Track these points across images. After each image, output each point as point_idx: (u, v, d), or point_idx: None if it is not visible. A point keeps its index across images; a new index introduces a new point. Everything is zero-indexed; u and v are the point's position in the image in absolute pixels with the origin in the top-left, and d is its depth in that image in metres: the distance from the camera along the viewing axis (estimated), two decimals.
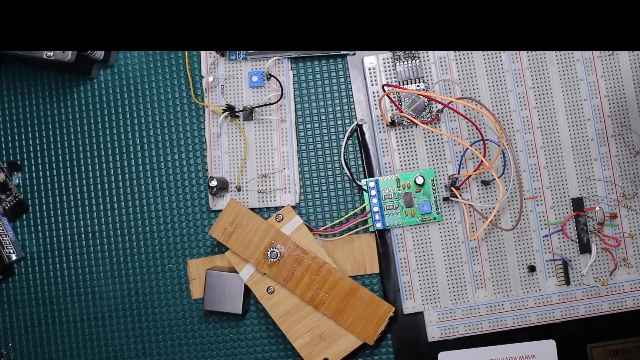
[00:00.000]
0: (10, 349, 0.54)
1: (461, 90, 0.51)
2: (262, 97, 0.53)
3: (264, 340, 0.53)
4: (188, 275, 0.53)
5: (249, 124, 0.53)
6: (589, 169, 0.51)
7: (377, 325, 0.49)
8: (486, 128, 0.51)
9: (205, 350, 0.53)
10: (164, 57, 0.55)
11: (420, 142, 0.51)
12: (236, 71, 0.53)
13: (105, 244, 0.54)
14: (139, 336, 0.54)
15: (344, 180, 0.53)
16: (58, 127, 0.55)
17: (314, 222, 0.53)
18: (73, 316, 0.54)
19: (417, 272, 0.51)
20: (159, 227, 0.54)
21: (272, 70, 0.53)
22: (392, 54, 0.52)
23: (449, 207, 0.51)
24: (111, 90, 0.55)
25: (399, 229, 0.51)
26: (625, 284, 0.50)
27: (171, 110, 0.55)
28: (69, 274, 0.54)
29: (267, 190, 0.52)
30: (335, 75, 0.54)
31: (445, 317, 0.50)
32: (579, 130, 0.51)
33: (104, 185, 0.55)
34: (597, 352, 0.50)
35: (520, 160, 0.51)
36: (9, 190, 0.55)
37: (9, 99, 0.56)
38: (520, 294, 0.50)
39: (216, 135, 0.53)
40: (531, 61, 0.51)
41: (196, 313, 0.54)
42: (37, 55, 0.49)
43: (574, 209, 0.50)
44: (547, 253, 0.50)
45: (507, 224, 0.51)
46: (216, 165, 0.53)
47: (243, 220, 0.50)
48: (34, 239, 0.55)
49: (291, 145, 0.53)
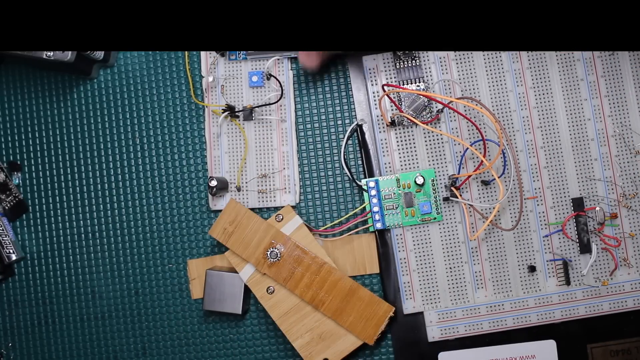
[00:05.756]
0: (10, 349, 0.54)
1: (461, 90, 0.51)
2: (262, 97, 0.53)
3: (264, 340, 0.53)
4: (188, 275, 0.53)
5: (249, 124, 0.53)
6: (589, 169, 0.51)
7: (377, 325, 0.49)
8: (486, 128, 0.51)
9: (205, 350, 0.53)
10: (164, 57, 0.55)
11: (420, 142, 0.51)
12: (236, 71, 0.53)
13: (105, 244, 0.54)
14: (139, 336, 0.54)
15: (344, 180, 0.53)
16: (58, 127, 0.55)
17: (314, 222, 0.53)
18: (73, 316, 0.54)
19: (417, 272, 0.51)
20: (159, 227, 0.54)
21: (272, 70, 0.53)
22: (392, 54, 0.52)
23: (449, 207, 0.51)
24: (111, 90, 0.55)
25: (399, 229, 0.51)
26: (625, 284, 0.50)
27: (171, 110, 0.55)
28: (69, 274, 0.54)
29: (267, 190, 0.52)
30: (335, 75, 0.54)
31: (445, 317, 0.50)
32: (579, 130, 0.51)
33: (104, 185, 0.55)
34: (597, 352, 0.50)
35: (520, 160, 0.51)
36: (9, 190, 0.55)
37: (9, 99, 0.56)
38: (520, 294, 0.50)
39: (216, 135, 0.53)
40: (531, 61, 0.51)
41: (196, 313, 0.53)
42: (37, 55, 0.49)
43: (574, 209, 0.50)
44: (547, 253, 0.50)
45: (507, 224, 0.51)
46: (216, 165, 0.53)
47: (243, 220, 0.50)
48: (34, 239, 0.55)
49: (291, 145, 0.53)
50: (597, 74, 0.51)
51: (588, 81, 0.51)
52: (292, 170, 0.52)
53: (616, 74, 0.51)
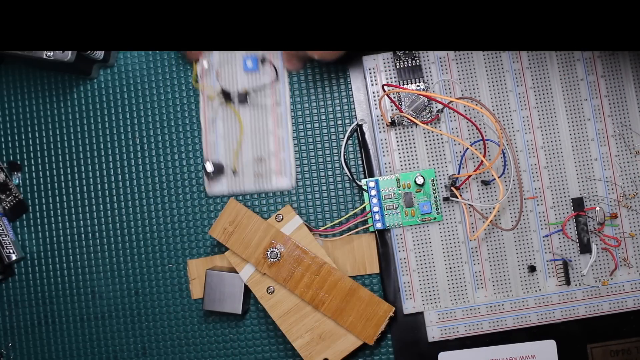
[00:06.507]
0: (10, 349, 0.54)
1: (461, 90, 0.51)
2: (257, 81, 0.53)
3: (264, 340, 0.53)
4: (188, 275, 0.53)
5: (244, 109, 0.53)
6: (589, 169, 0.51)
7: (377, 325, 0.49)
8: (486, 128, 0.51)
9: (205, 350, 0.53)
10: (164, 57, 0.55)
11: (420, 142, 0.51)
12: (230, 56, 0.53)
13: (105, 244, 0.54)
14: (139, 336, 0.54)
15: (344, 180, 0.53)
16: (58, 127, 0.55)
17: (314, 222, 0.53)
18: (73, 316, 0.54)
19: (417, 272, 0.51)
20: (159, 227, 0.54)
21: (266, 55, 0.53)
22: (392, 54, 0.52)
23: (449, 207, 0.51)
24: (111, 90, 0.55)
25: (399, 229, 0.51)
26: (625, 284, 0.50)
27: (171, 110, 0.55)
28: (69, 274, 0.54)
29: (263, 174, 0.52)
30: (335, 75, 0.54)
31: (445, 317, 0.50)
32: (579, 130, 0.51)
33: (104, 185, 0.55)
34: (597, 352, 0.50)
35: (520, 160, 0.51)
36: (9, 190, 0.55)
37: (9, 99, 0.56)
38: (520, 294, 0.50)
39: (211, 120, 0.53)
40: (531, 61, 0.51)
41: (196, 313, 0.53)
42: (37, 55, 0.49)
43: (574, 209, 0.50)
44: (547, 253, 0.50)
45: (507, 224, 0.51)
46: (211, 150, 0.53)
47: (243, 220, 0.50)
48: (34, 239, 0.55)
49: (286, 129, 0.53)
50: (597, 74, 0.51)
51: (588, 81, 0.51)
52: (287, 153, 0.52)
53: (616, 74, 0.51)
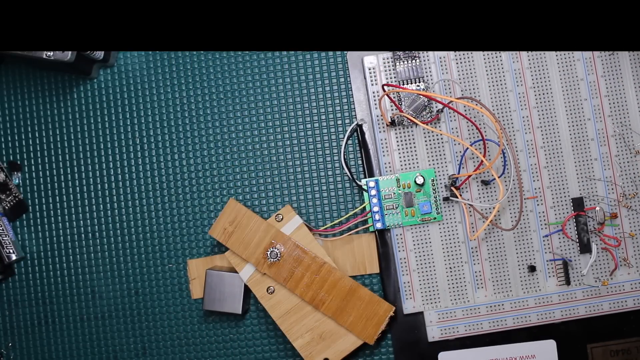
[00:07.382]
0: (10, 349, 0.54)
1: (461, 90, 0.51)
2: None
3: (264, 340, 0.53)
4: (188, 275, 0.53)
5: None
6: (589, 169, 0.51)
7: (377, 325, 0.49)
8: (486, 128, 0.51)
9: (205, 350, 0.53)
10: (164, 57, 0.55)
11: (420, 142, 0.51)
12: None
13: (105, 244, 0.54)
14: (139, 336, 0.54)
15: (344, 180, 0.53)
16: (58, 127, 0.55)
17: (314, 222, 0.53)
18: (73, 316, 0.54)
19: (417, 272, 0.51)
20: (159, 227, 0.54)
21: None
22: (392, 54, 0.52)
23: (449, 207, 0.51)
24: (111, 90, 0.55)
25: (399, 229, 0.51)
26: (625, 284, 0.50)
27: (171, 110, 0.55)
28: (69, 274, 0.54)
29: None
30: (335, 75, 0.54)
31: (445, 317, 0.50)
32: (579, 130, 0.51)
33: (104, 185, 0.55)
34: (597, 352, 0.50)
35: (520, 160, 0.51)
36: (9, 190, 0.55)
37: (9, 99, 0.56)
38: (520, 294, 0.50)
39: None
40: (531, 61, 0.51)
41: (196, 313, 0.53)
42: (37, 55, 0.49)
43: (574, 209, 0.50)
44: (547, 253, 0.50)
45: (507, 224, 0.51)
46: None
47: (243, 220, 0.50)
48: (34, 239, 0.55)
49: None
50: (597, 74, 0.51)
51: (588, 81, 0.51)
52: None
53: (616, 74, 0.51)
